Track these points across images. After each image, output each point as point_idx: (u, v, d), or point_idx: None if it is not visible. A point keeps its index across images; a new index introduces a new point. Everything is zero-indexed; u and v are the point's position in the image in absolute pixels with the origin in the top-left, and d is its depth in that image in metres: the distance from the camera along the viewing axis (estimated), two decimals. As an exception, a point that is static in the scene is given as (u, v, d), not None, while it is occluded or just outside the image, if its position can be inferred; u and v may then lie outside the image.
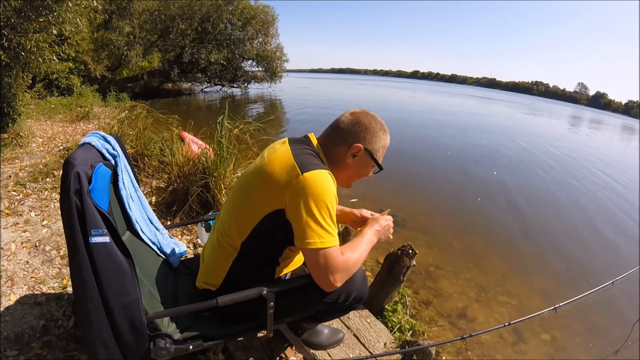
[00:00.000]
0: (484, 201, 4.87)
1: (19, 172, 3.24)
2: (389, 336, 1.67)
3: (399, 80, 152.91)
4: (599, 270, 3.32)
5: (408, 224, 3.78)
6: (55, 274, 1.86)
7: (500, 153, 8.34)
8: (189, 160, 2.70)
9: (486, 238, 3.76)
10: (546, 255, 3.54)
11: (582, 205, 5.28)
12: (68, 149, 4.24)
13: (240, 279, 1.06)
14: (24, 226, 2.28)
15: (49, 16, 3.84)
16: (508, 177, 6.24)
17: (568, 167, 7.77)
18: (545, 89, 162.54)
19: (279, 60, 15.87)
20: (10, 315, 1.52)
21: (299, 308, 1.14)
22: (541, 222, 4.41)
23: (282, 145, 1.03)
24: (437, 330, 2.24)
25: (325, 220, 0.91)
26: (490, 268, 3.13)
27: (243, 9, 14.14)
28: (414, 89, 48.63)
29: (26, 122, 5.06)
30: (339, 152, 1.06)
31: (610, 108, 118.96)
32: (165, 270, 1.32)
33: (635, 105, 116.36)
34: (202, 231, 1.53)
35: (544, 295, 2.81)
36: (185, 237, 2.41)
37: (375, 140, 1.06)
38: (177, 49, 13.25)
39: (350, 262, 0.98)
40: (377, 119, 1.08)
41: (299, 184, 0.91)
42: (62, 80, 9.10)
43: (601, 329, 2.50)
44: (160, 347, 0.97)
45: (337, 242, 0.94)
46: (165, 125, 4.00)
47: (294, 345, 1.41)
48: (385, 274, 1.82)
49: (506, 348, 2.20)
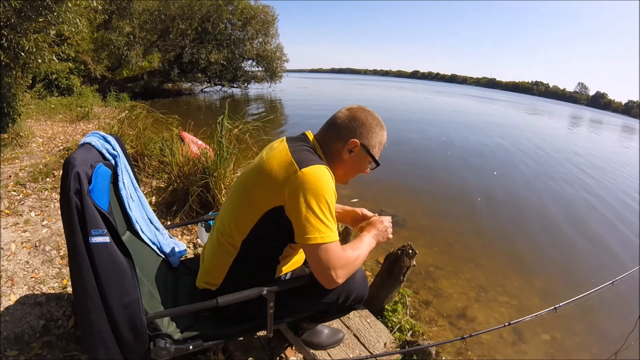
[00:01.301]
0: (484, 201, 4.87)
1: (19, 172, 3.24)
2: (389, 336, 1.67)
3: (399, 80, 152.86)
4: (599, 270, 3.32)
5: (408, 224, 3.78)
6: (55, 274, 1.86)
7: (500, 153, 8.34)
8: (189, 160, 2.70)
9: (486, 238, 3.76)
10: (546, 255, 3.54)
11: (582, 205, 5.28)
12: (68, 149, 4.24)
13: (240, 279, 1.06)
14: (24, 226, 2.28)
15: (48, 16, 3.84)
16: (508, 177, 6.24)
17: (568, 168, 7.76)
18: (545, 89, 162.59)
19: (279, 60, 15.89)
20: (10, 315, 1.52)
21: (299, 308, 1.14)
22: (541, 222, 4.41)
23: (280, 144, 1.03)
24: (437, 330, 2.24)
25: (324, 215, 0.91)
26: (490, 268, 3.13)
27: (243, 9, 14.15)
28: (414, 89, 48.62)
29: (26, 122, 5.07)
30: (336, 147, 1.06)
31: (610, 108, 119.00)
32: (165, 270, 1.32)
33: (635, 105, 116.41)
34: (202, 231, 1.53)
35: (544, 295, 2.81)
36: (185, 237, 2.40)
37: (371, 136, 1.06)
38: (177, 49, 13.26)
39: (351, 258, 0.98)
40: (373, 115, 1.08)
41: (297, 179, 0.91)
42: (62, 80, 9.10)
43: (601, 329, 2.50)
44: (160, 347, 0.97)
45: (337, 237, 0.94)
46: (165, 125, 4.00)
47: (294, 345, 1.41)
48: (385, 274, 1.82)
49: (506, 348, 2.20)
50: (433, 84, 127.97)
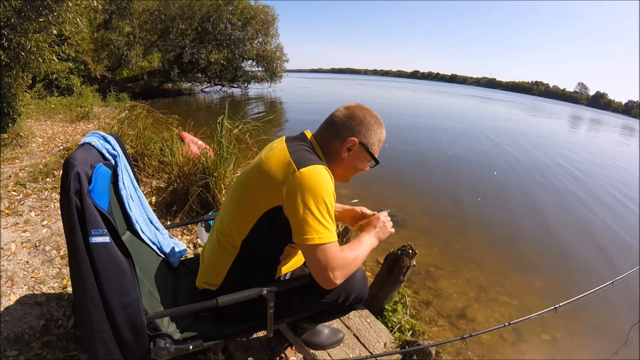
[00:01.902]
0: (484, 201, 4.87)
1: (19, 172, 3.24)
2: (389, 336, 1.67)
3: (399, 80, 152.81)
4: (599, 270, 3.32)
5: (408, 224, 3.78)
6: (55, 274, 1.86)
7: (501, 153, 8.34)
8: (189, 160, 2.70)
9: (486, 238, 3.76)
10: (546, 255, 3.54)
11: (583, 205, 5.27)
12: (68, 149, 4.24)
13: (240, 279, 1.06)
14: (24, 226, 2.28)
15: (49, 16, 3.84)
16: (508, 177, 6.24)
17: (569, 168, 7.76)
18: (545, 89, 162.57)
19: (279, 60, 15.89)
20: (10, 315, 1.52)
21: (299, 308, 1.14)
22: (541, 221, 4.40)
23: (279, 144, 1.03)
24: (437, 330, 2.24)
25: (322, 216, 0.91)
26: (490, 268, 3.13)
27: (243, 9, 14.15)
28: (414, 89, 48.61)
29: (26, 122, 5.07)
30: (335, 146, 1.05)
31: (610, 108, 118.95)
32: (165, 270, 1.32)
33: (635, 105, 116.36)
34: (202, 231, 1.53)
35: (544, 295, 2.81)
36: (185, 237, 2.40)
37: (370, 134, 1.06)
38: (177, 49, 13.26)
39: (349, 259, 0.98)
40: (372, 113, 1.08)
41: (295, 179, 0.91)
42: (62, 80, 9.11)
43: (601, 329, 2.50)
44: (160, 347, 0.97)
45: (335, 237, 0.94)
46: (165, 125, 4.00)
47: (294, 345, 1.41)
48: (385, 274, 1.82)
49: (506, 348, 2.20)
50: (433, 84, 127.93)
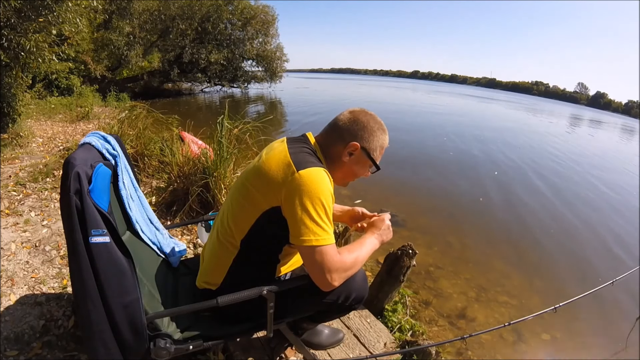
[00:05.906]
0: (485, 201, 4.87)
1: (19, 172, 3.24)
2: (389, 336, 1.67)
3: (399, 80, 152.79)
4: (599, 270, 3.32)
5: (408, 224, 3.78)
6: (55, 274, 1.86)
7: (501, 154, 8.33)
8: (189, 160, 2.70)
9: (486, 238, 3.76)
10: (546, 255, 3.54)
11: (583, 205, 5.27)
12: (68, 149, 4.24)
13: (240, 278, 1.06)
14: (24, 226, 2.28)
15: (48, 16, 3.84)
16: (509, 178, 6.23)
17: (568, 168, 7.76)
18: (545, 89, 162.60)
19: (279, 60, 15.89)
20: (10, 315, 1.53)
21: (299, 308, 1.14)
22: (542, 221, 4.40)
23: (280, 144, 1.03)
24: (437, 330, 2.24)
25: (320, 218, 0.91)
26: (490, 268, 3.13)
27: (243, 9, 14.15)
28: (414, 88, 48.60)
29: (26, 122, 5.07)
30: (336, 150, 1.06)
31: (610, 108, 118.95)
32: (165, 270, 1.32)
33: (635, 105, 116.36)
34: (202, 231, 1.53)
35: (544, 295, 2.81)
36: (185, 237, 2.41)
37: (372, 139, 1.06)
38: (177, 49, 13.25)
39: (348, 261, 0.98)
40: (375, 118, 1.08)
41: (294, 181, 0.91)
42: (62, 80, 9.11)
43: (601, 329, 2.50)
44: (160, 347, 0.97)
45: (332, 240, 0.94)
46: (165, 125, 4.00)
47: (294, 345, 1.41)
48: (385, 274, 1.82)
49: (506, 348, 2.19)
50: (433, 83, 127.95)
